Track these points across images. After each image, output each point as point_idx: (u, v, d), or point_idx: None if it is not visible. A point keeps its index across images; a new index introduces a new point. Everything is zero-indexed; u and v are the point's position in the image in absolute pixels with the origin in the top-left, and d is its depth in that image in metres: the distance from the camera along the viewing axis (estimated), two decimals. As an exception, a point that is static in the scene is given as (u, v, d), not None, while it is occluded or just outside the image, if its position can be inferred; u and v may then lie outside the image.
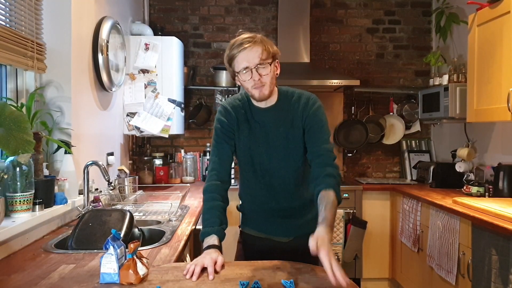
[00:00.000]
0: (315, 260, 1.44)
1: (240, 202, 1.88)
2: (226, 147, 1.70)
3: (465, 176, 3.20)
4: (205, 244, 1.50)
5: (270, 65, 1.57)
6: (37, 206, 1.83)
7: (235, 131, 1.70)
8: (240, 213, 1.90)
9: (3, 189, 1.73)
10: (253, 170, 1.73)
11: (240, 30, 1.64)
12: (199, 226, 2.12)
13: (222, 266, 1.42)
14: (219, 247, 1.50)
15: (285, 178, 1.72)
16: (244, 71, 1.56)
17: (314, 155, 1.64)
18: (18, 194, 1.74)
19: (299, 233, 1.74)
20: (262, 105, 1.67)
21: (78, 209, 2.20)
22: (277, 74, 1.62)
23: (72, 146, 2.23)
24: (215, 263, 1.41)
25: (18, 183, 1.74)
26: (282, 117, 1.67)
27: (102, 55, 2.62)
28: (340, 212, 3.39)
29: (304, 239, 1.45)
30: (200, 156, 4.01)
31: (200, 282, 1.32)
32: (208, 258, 1.41)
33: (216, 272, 1.38)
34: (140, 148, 3.81)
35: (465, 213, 2.42)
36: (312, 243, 1.33)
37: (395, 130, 4.12)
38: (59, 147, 2.17)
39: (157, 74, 3.41)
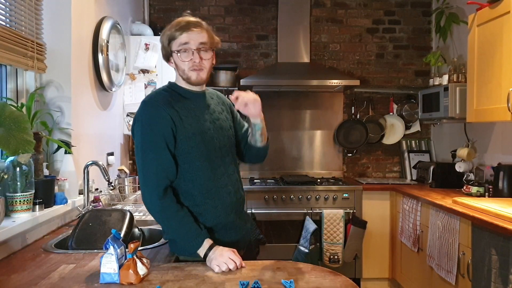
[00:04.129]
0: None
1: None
2: (168, 156, 1.52)
3: (465, 176, 3.20)
4: (203, 250, 1.48)
5: (212, 51, 1.59)
6: (37, 206, 1.84)
7: (175, 128, 1.52)
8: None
9: (3, 189, 1.74)
10: (208, 159, 1.56)
11: (187, 12, 1.63)
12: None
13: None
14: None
15: (233, 159, 1.69)
16: (185, 52, 1.54)
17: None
18: (18, 194, 1.74)
19: (246, 239, 1.75)
20: (195, 89, 1.63)
21: (78, 209, 2.20)
22: (213, 63, 1.63)
23: (72, 146, 2.23)
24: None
25: (18, 183, 1.74)
26: (213, 99, 1.71)
27: (102, 55, 2.63)
28: (340, 212, 3.39)
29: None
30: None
31: (200, 282, 1.32)
32: (229, 252, 1.45)
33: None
34: (140, 148, 3.79)
35: (465, 213, 2.42)
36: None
37: (395, 130, 4.11)
38: (59, 147, 2.17)
39: (157, 74, 3.41)
